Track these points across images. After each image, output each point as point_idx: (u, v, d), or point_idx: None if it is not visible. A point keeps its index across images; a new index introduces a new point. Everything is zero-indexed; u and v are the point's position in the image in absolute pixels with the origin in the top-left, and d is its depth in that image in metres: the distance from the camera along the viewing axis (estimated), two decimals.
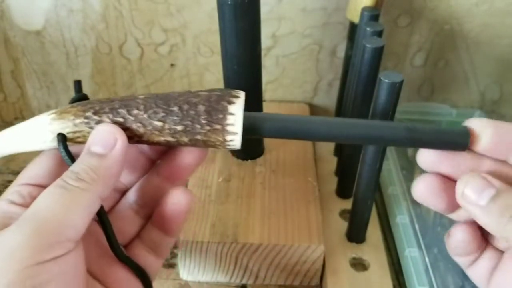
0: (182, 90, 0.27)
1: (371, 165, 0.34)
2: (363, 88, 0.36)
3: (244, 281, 0.40)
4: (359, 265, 0.39)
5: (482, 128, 0.25)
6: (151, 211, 0.30)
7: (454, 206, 0.26)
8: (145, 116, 0.25)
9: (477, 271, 0.28)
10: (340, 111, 0.47)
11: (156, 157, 0.31)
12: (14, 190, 0.26)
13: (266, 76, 0.52)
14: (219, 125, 0.25)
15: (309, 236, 0.37)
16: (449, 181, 0.26)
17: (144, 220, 0.31)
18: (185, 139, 0.26)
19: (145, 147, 0.30)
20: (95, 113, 0.25)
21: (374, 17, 0.38)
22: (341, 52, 0.50)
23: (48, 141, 0.26)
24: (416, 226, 0.41)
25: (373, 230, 0.41)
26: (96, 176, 0.24)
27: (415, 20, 0.49)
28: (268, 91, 0.54)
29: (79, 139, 0.26)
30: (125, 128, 0.26)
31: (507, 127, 0.25)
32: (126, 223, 0.30)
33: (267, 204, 0.40)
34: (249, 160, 0.45)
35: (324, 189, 0.45)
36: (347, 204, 0.43)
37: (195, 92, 0.26)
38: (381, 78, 0.30)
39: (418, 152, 0.27)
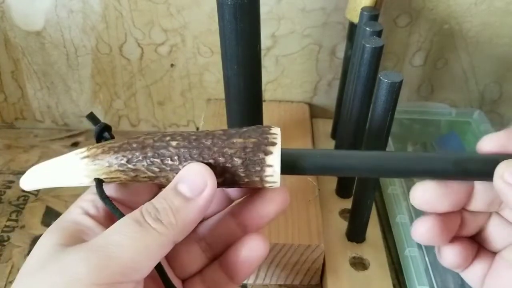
0: (207, 131, 0.25)
1: None
2: (363, 88, 0.36)
3: (244, 281, 0.40)
4: (359, 264, 0.39)
5: None
6: (218, 252, 0.29)
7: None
8: (180, 167, 0.24)
9: (471, 275, 0.28)
10: (339, 111, 0.47)
11: (236, 197, 0.29)
12: (90, 199, 0.25)
13: (266, 76, 0.52)
14: (258, 177, 0.24)
15: (309, 235, 0.38)
16: (446, 217, 0.26)
17: (208, 260, 0.29)
18: (225, 186, 0.25)
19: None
20: (128, 162, 0.24)
21: (374, 17, 0.38)
22: (340, 52, 0.50)
23: (85, 184, 0.25)
24: None
25: (373, 230, 0.41)
26: (175, 221, 0.23)
27: (414, 20, 0.49)
28: (268, 91, 0.54)
29: (116, 181, 0.25)
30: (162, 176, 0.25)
31: None
32: (189, 258, 0.29)
33: None
34: None
35: (324, 189, 0.45)
36: (347, 204, 0.43)
37: (229, 139, 0.24)
38: (381, 77, 0.30)
39: (413, 191, 0.25)
